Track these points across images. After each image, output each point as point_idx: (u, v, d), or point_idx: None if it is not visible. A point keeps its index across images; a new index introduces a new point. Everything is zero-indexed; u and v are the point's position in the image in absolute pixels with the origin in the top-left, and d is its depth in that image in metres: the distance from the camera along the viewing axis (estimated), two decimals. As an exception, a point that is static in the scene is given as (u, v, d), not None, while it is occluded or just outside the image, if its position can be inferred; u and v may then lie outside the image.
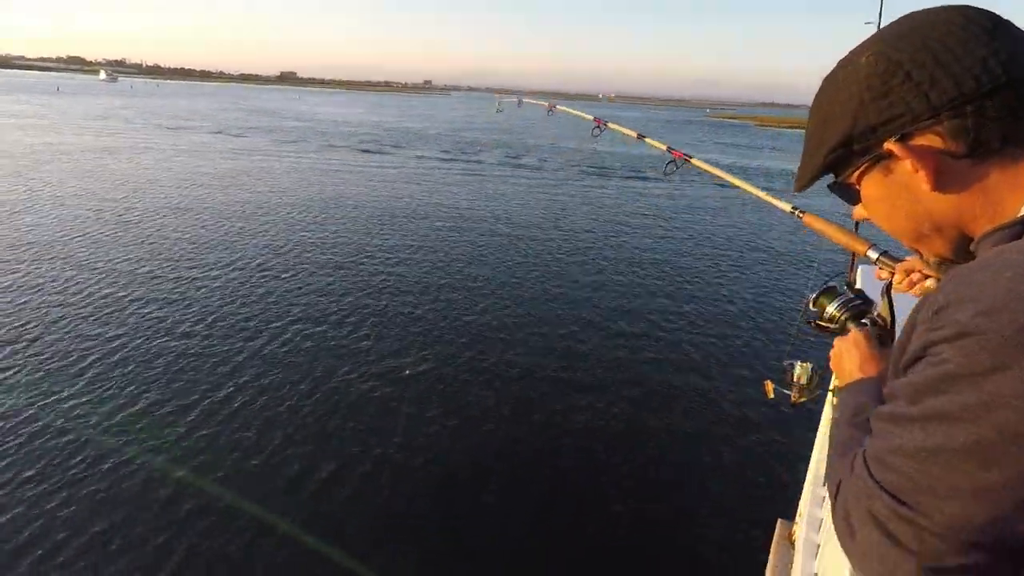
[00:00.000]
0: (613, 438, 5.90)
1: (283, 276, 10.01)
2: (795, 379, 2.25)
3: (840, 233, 1.19)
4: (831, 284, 1.24)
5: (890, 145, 0.64)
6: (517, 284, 10.32)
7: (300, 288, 9.48)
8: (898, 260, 1.07)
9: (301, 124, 44.66)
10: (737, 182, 1.58)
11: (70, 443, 5.25)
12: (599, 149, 34.06)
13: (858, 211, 0.77)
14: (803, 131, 0.76)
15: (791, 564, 2.47)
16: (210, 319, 8.09)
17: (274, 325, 7.99)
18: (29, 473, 4.84)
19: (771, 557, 2.75)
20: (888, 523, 0.55)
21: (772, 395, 2.27)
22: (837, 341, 1.12)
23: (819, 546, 2.02)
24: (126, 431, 5.48)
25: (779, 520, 3.04)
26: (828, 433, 0.98)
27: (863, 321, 1.07)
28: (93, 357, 6.83)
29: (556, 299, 9.70)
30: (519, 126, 54.35)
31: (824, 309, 1.17)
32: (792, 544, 2.67)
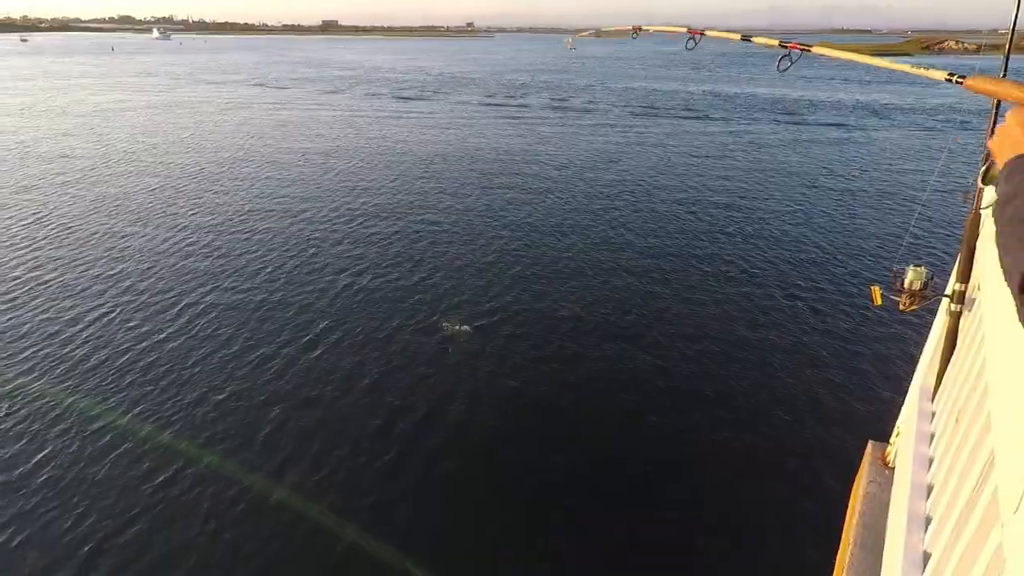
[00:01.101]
0: (699, 351, 5.95)
1: (330, 221, 10.18)
2: (907, 285, 2.07)
3: (1016, 87, 1.02)
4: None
5: None
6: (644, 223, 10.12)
7: (347, 233, 9.63)
8: None
9: (344, 73, 44.43)
10: (876, 61, 1.41)
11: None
12: (694, 90, 32.33)
13: None
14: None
15: (886, 485, 2.37)
16: (271, 265, 8.38)
17: (336, 269, 8.19)
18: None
19: (858, 480, 2.65)
20: None
21: (879, 302, 2.11)
22: (1009, 114, 0.94)
23: (932, 460, 1.91)
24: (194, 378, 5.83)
25: (870, 442, 2.90)
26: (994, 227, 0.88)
27: None
28: (168, 296, 7.24)
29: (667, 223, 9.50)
30: (571, 66, 52.11)
31: None
32: (887, 465, 2.55)
